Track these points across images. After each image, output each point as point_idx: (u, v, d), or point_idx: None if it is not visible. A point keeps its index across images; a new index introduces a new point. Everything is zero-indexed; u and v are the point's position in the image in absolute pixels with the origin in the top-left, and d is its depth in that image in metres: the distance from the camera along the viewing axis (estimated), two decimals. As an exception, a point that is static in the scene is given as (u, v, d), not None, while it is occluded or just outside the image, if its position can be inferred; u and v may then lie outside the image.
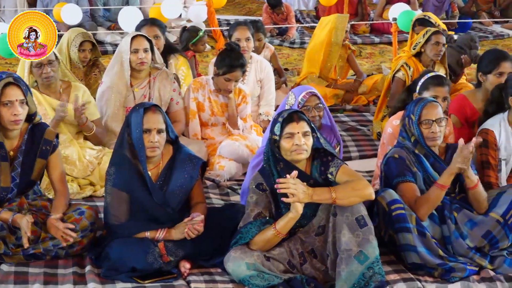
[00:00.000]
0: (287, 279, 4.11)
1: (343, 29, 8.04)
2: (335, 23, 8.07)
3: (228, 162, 5.94)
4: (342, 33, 8.04)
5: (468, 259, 4.44)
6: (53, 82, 5.50)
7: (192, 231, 4.31)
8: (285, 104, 4.93)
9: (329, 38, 8.03)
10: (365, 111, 7.86)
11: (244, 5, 14.22)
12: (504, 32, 12.07)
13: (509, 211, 4.44)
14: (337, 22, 8.08)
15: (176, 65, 6.83)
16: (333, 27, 8.04)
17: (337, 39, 8.03)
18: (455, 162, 4.37)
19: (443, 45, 6.80)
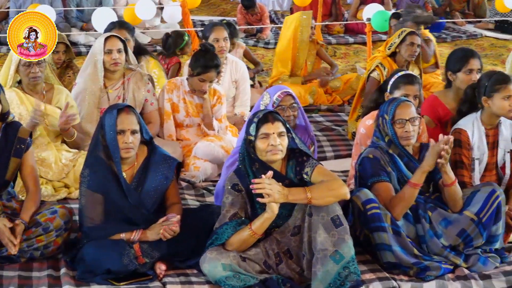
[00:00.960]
0: (263, 280, 4.11)
1: (308, 26, 8.07)
2: (299, 21, 8.09)
3: (203, 163, 5.93)
4: (308, 29, 8.07)
5: (443, 257, 4.47)
6: (39, 82, 5.45)
7: (167, 231, 4.30)
8: (260, 104, 4.93)
9: (295, 36, 8.06)
10: (340, 111, 7.89)
11: (218, 6, 14.22)
12: (477, 31, 12.15)
13: (483, 210, 4.47)
14: (301, 19, 8.10)
15: (148, 67, 6.81)
16: (297, 25, 8.07)
17: (302, 36, 8.06)
18: (427, 161, 4.40)
19: (418, 45, 6.83)
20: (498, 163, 5.04)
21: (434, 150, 4.37)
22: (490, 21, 12.14)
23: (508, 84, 4.87)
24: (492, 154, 5.01)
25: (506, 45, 11.03)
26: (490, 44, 11.44)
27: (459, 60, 5.47)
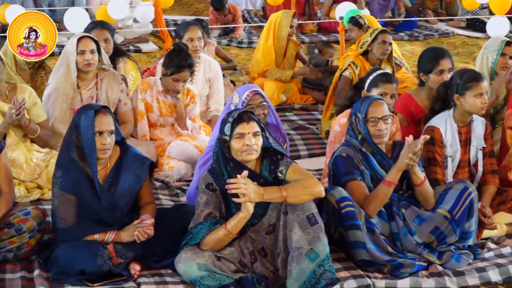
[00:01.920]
0: (238, 279, 4.11)
1: (287, 25, 8.08)
2: (280, 18, 8.13)
3: (177, 162, 5.92)
4: (286, 28, 8.08)
5: (417, 255, 4.49)
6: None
7: (142, 234, 4.28)
8: (230, 104, 4.92)
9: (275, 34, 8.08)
10: (313, 110, 7.90)
11: (191, 5, 14.18)
12: (449, 30, 12.22)
13: (456, 207, 4.50)
14: (282, 17, 8.13)
15: (126, 69, 6.78)
16: (278, 22, 8.10)
17: (280, 34, 8.07)
18: (402, 159, 4.42)
19: (390, 44, 6.87)
20: (471, 161, 5.08)
21: (410, 148, 4.39)
22: (462, 19, 12.21)
23: (479, 82, 4.90)
24: (464, 152, 5.04)
25: (478, 43, 11.10)
26: (462, 42, 11.51)
27: (430, 61, 5.50)
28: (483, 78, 4.96)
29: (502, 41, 6.01)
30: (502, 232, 4.92)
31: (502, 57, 5.96)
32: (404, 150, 4.41)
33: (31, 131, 5.49)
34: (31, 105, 5.47)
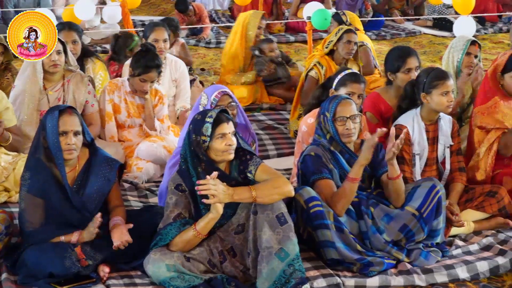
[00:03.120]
0: (208, 279, 4.10)
1: (255, 25, 8.10)
2: (248, 18, 8.14)
3: (146, 163, 5.90)
4: (254, 29, 8.10)
5: (386, 253, 4.51)
6: None
7: (124, 244, 4.26)
8: (198, 105, 4.92)
9: (242, 34, 8.09)
10: (282, 110, 7.91)
11: (158, 6, 14.15)
12: (416, 29, 12.30)
13: (424, 205, 4.53)
14: (250, 17, 8.14)
15: (94, 69, 6.75)
16: (246, 23, 8.11)
17: (248, 34, 8.09)
18: (363, 154, 4.44)
19: (355, 43, 6.89)
20: (438, 159, 5.11)
21: (369, 144, 4.42)
22: (428, 18, 12.29)
23: (446, 80, 4.94)
24: (432, 150, 5.07)
25: (444, 42, 11.18)
26: (429, 41, 11.58)
27: (397, 60, 5.53)
28: (449, 76, 5.00)
29: (467, 40, 6.05)
30: (469, 230, 4.96)
31: (467, 56, 6.00)
32: (364, 146, 4.44)
33: (4, 140, 5.43)
34: (2, 109, 5.41)
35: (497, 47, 10.83)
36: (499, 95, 5.24)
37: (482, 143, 5.19)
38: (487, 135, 5.20)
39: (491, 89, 5.27)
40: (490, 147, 5.18)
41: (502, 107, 5.20)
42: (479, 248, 4.75)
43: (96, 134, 5.91)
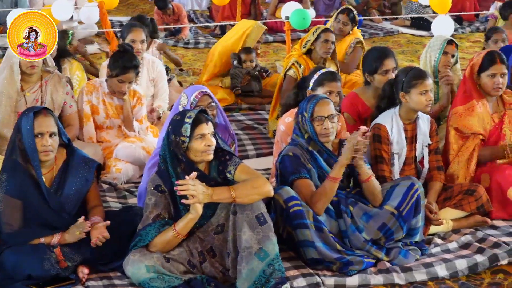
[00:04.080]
0: (187, 280, 4.10)
1: (255, 38, 8.16)
2: (251, 30, 8.14)
3: (124, 164, 5.88)
4: (254, 42, 8.16)
5: (365, 251, 4.53)
6: None
7: (100, 239, 4.24)
8: (178, 105, 4.91)
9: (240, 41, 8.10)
10: (261, 110, 7.91)
11: (137, 6, 14.10)
12: (394, 28, 12.33)
13: (402, 203, 4.55)
14: (253, 29, 8.15)
15: (71, 69, 6.73)
16: (248, 33, 8.12)
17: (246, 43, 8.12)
18: (344, 154, 4.45)
19: (332, 42, 6.90)
20: (417, 157, 5.13)
21: (350, 143, 4.43)
22: (406, 18, 12.33)
23: (424, 79, 4.96)
24: (410, 149, 5.09)
25: (422, 41, 11.22)
26: (407, 41, 11.62)
27: (374, 61, 5.55)
28: (428, 76, 5.02)
29: (444, 39, 6.08)
30: (448, 228, 4.98)
31: (444, 55, 6.03)
32: (346, 145, 4.45)
33: None
34: None
35: (475, 46, 10.89)
36: (477, 97, 5.26)
37: (461, 151, 5.22)
38: (466, 143, 5.22)
39: (468, 90, 5.30)
40: (471, 157, 5.21)
41: (479, 110, 5.23)
42: (458, 246, 4.77)
43: (75, 135, 5.89)
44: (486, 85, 5.25)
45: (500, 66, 5.23)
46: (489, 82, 5.23)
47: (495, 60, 5.23)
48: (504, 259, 4.55)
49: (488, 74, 5.23)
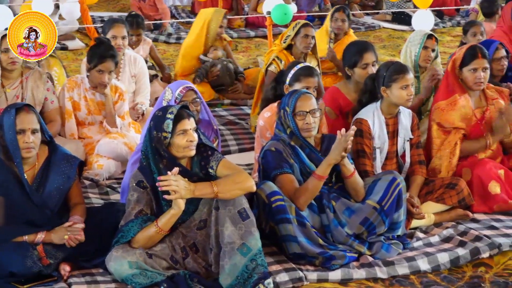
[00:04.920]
0: (170, 276, 4.09)
1: (217, 24, 8.08)
2: (211, 16, 8.11)
3: (106, 160, 5.87)
4: (216, 27, 8.08)
5: (348, 246, 4.54)
6: None
7: (73, 240, 4.23)
8: (162, 100, 4.90)
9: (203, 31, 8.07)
10: (243, 105, 7.91)
11: (118, 1, 14.02)
12: (375, 23, 12.35)
13: (384, 198, 4.56)
14: (213, 15, 8.12)
15: (49, 65, 6.69)
16: (208, 20, 8.09)
17: (209, 32, 8.08)
18: (333, 153, 4.45)
19: (313, 37, 6.90)
20: (398, 152, 5.15)
21: (340, 143, 4.42)
22: (387, 12, 12.36)
23: (405, 74, 4.97)
24: (392, 143, 5.10)
25: (403, 36, 11.25)
26: (388, 35, 11.64)
27: (354, 55, 5.56)
28: (409, 70, 5.03)
29: (424, 34, 6.10)
30: (430, 222, 5.01)
31: (424, 50, 6.06)
32: (335, 145, 4.45)
33: None
34: None
35: (456, 41, 10.91)
36: (459, 91, 5.28)
37: (443, 146, 5.24)
38: (448, 137, 5.24)
39: (451, 85, 5.32)
40: (453, 151, 5.23)
41: (461, 105, 5.25)
42: (440, 239, 4.79)
43: (56, 131, 5.86)
44: (468, 79, 5.27)
45: (482, 61, 5.24)
46: (471, 77, 5.25)
47: (477, 55, 5.25)
48: (485, 252, 4.58)
49: (469, 68, 5.25)
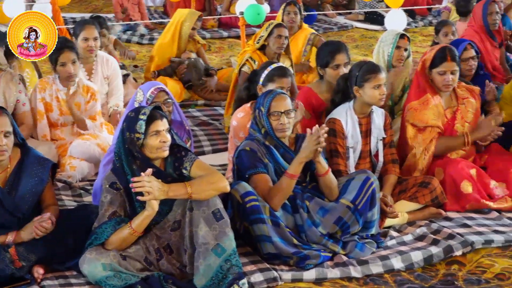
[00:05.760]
0: (144, 278, 4.08)
1: (190, 25, 8.08)
2: (185, 16, 8.11)
3: (79, 162, 5.84)
4: (189, 29, 8.08)
5: (322, 246, 4.55)
6: None
7: (39, 229, 4.21)
8: (134, 101, 4.89)
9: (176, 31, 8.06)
10: (216, 105, 7.91)
11: (90, 3, 13.98)
12: (347, 23, 12.38)
13: (358, 197, 4.57)
14: (187, 16, 8.11)
15: (20, 67, 6.64)
16: (182, 20, 8.08)
17: (182, 32, 8.07)
18: (303, 151, 4.46)
19: (286, 37, 6.91)
20: (372, 151, 5.17)
21: (310, 141, 4.44)
22: (360, 12, 12.40)
23: (377, 73, 4.99)
24: (365, 142, 5.12)
25: (376, 36, 11.28)
26: (361, 35, 11.68)
27: (326, 55, 5.57)
28: (381, 70, 5.05)
29: (397, 34, 6.13)
30: (403, 220, 5.03)
31: (397, 49, 6.09)
32: (305, 143, 4.46)
33: None
34: None
35: (428, 40, 10.97)
36: (430, 91, 5.31)
37: (418, 143, 5.26)
38: (422, 135, 5.27)
39: (422, 85, 5.34)
40: (427, 148, 5.26)
41: (433, 103, 5.28)
42: (413, 238, 4.81)
43: (28, 133, 5.84)
44: (437, 81, 5.29)
45: (451, 64, 5.26)
46: (439, 79, 5.28)
47: (446, 58, 5.26)
48: (458, 250, 4.61)
49: (438, 71, 5.27)
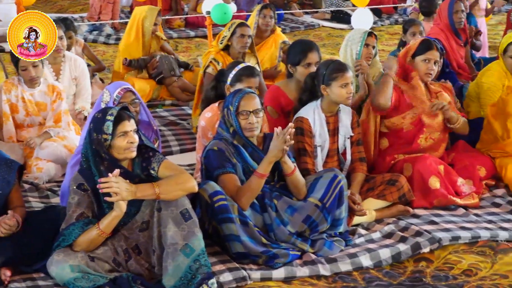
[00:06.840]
0: (113, 279, 4.07)
1: (151, 21, 8.04)
2: (145, 13, 8.07)
3: (46, 163, 5.80)
4: (150, 25, 8.04)
5: (290, 244, 4.56)
6: None
7: (3, 226, 4.18)
8: (100, 102, 4.86)
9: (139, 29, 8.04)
10: (184, 105, 7.89)
11: (55, 3, 13.87)
12: (314, 22, 12.42)
13: (326, 195, 4.59)
14: (147, 12, 8.08)
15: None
16: (143, 17, 8.04)
17: (145, 30, 8.04)
18: (272, 151, 4.47)
19: (249, 36, 6.90)
20: (339, 149, 5.19)
21: (277, 140, 4.45)
22: (326, 11, 12.44)
23: (344, 72, 5.02)
24: (333, 141, 5.14)
25: (342, 34, 11.32)
26: (327, 34, 11.72)
27: (298, 54, 5.58)
28: (348, 68, 5.08)
29: (364, 32, 6.16)
30: (371, 218, 5.05)
31: (365, 47, 6.12)
32: (273, 142, 4.47)
33: None
34: None
35: (394, 38, 11.04)
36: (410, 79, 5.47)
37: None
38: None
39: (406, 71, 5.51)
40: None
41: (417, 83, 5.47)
42: (381, 236, 4.85)
43: (-6, 136, 5.80)
44: (419, 68, 5.42)
45: (436, 53, 5.44)
46: (423, 67, 5.42)
47: (432, 47, 5.46)
48: (426, 247, 4.64)
49: (422, 58, 5.42)
